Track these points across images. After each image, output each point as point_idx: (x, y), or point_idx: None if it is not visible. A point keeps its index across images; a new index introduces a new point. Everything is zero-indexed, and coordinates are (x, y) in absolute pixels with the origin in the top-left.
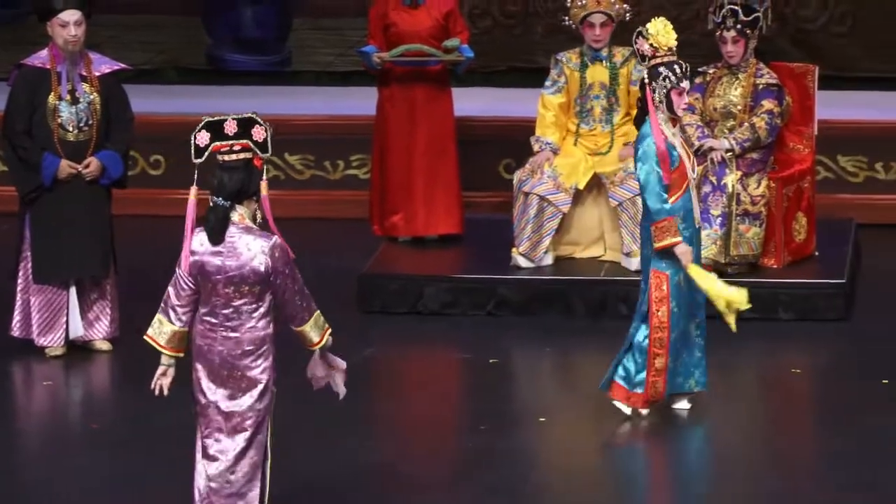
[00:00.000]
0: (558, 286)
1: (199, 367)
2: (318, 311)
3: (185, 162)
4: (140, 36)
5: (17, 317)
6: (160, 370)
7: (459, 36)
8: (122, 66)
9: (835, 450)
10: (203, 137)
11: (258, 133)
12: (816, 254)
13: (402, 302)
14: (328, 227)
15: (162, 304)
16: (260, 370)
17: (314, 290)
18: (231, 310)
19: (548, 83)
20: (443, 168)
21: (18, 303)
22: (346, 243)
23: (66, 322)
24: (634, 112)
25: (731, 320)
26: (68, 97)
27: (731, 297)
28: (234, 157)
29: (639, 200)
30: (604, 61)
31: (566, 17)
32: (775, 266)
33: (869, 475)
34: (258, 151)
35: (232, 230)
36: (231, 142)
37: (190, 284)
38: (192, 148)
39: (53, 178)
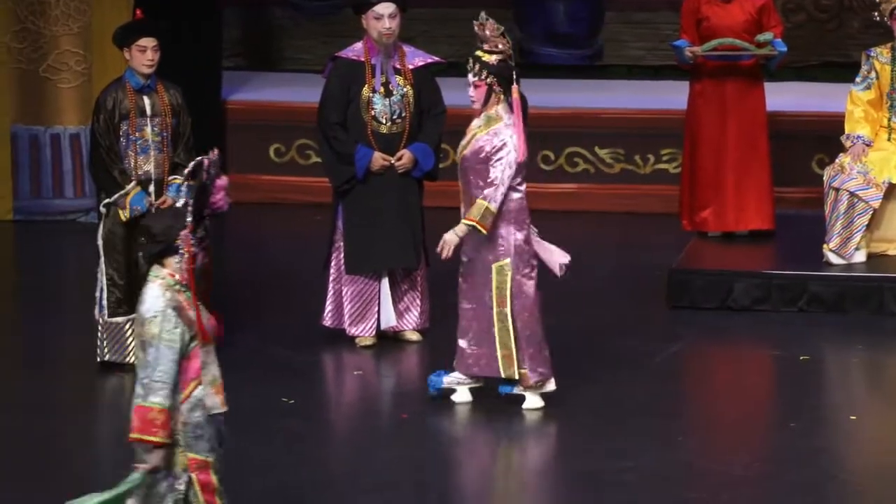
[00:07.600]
0: (871, 283)
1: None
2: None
3: None
4: (450, 29)
5: (328, 307)
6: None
7: (773, 30)
8: (436, 59)
9: None
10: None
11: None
12: None
13: (711, 297)
14: (637, 221)
15: (491, 192)
16: None
17: (623, 283)
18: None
19: (857, 79)
20: (754, 163)
21: (330, 293)
22: (655, 238)
23: (378, 312)
24: None
25: None
26: (382, 90)
27: None
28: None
29: None
30: None
31: (876, 14)
32: None
33: None
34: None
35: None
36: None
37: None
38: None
39: (366, 169)
